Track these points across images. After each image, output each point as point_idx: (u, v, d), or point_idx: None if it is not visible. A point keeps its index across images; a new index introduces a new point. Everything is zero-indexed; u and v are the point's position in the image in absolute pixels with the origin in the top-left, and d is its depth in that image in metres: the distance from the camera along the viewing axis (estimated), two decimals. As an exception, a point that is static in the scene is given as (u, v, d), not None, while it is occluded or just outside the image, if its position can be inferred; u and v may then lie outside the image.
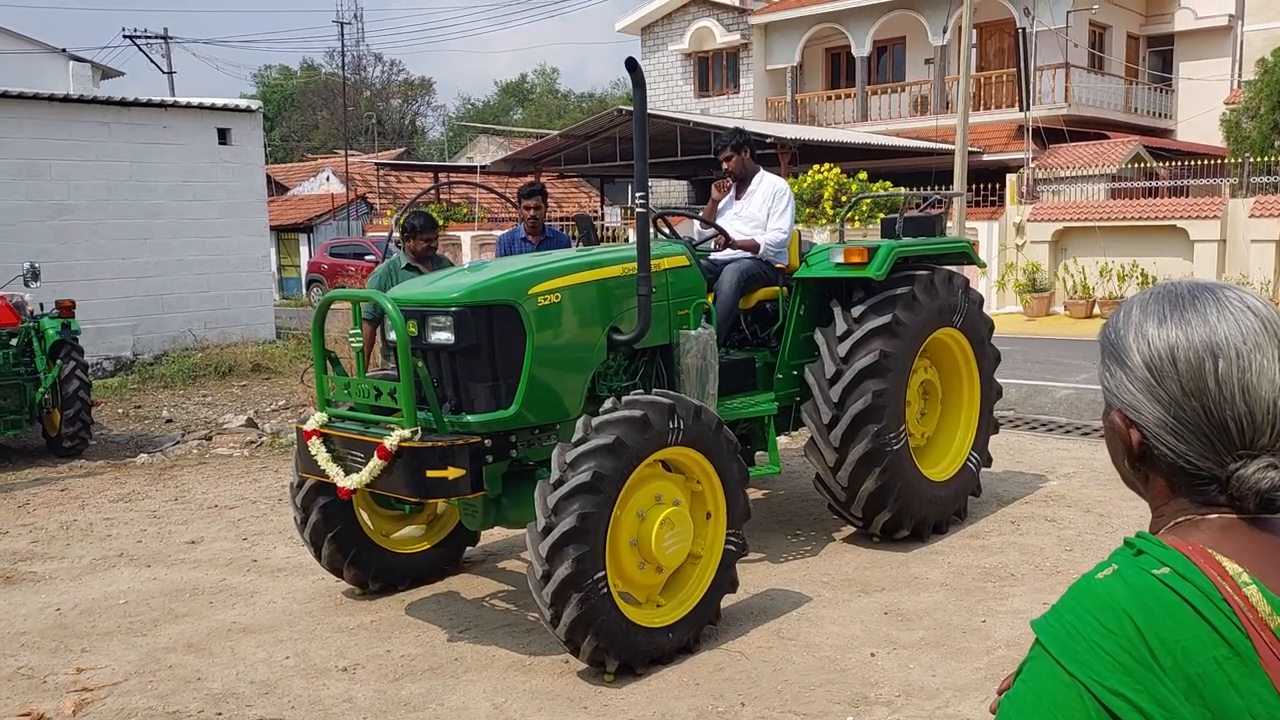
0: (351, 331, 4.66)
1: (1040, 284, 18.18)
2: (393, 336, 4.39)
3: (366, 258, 24.13)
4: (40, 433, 9.10)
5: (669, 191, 30.18)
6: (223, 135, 14.53)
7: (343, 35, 38.75)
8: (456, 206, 27.42)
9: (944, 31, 24.68)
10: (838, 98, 27.82)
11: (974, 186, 19.24)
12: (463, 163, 34.97)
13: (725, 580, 4.58)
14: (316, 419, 4.58)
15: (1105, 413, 1.17)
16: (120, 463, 8.70)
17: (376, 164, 32.93)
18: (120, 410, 10.85)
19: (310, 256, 28.85)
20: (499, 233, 6.18)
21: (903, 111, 26.26)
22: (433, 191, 24.99)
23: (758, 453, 5.85)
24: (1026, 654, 1.08)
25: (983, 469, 6.40)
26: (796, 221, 6.18)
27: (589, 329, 4.77)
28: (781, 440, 6.43)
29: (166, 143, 13.90)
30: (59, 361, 8.66)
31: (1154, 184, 19.50)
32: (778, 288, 5.89)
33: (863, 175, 20.14)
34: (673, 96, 30.09)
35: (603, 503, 4.00)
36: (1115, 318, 1.16)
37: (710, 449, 4.42)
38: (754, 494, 6.98)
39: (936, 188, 19.49)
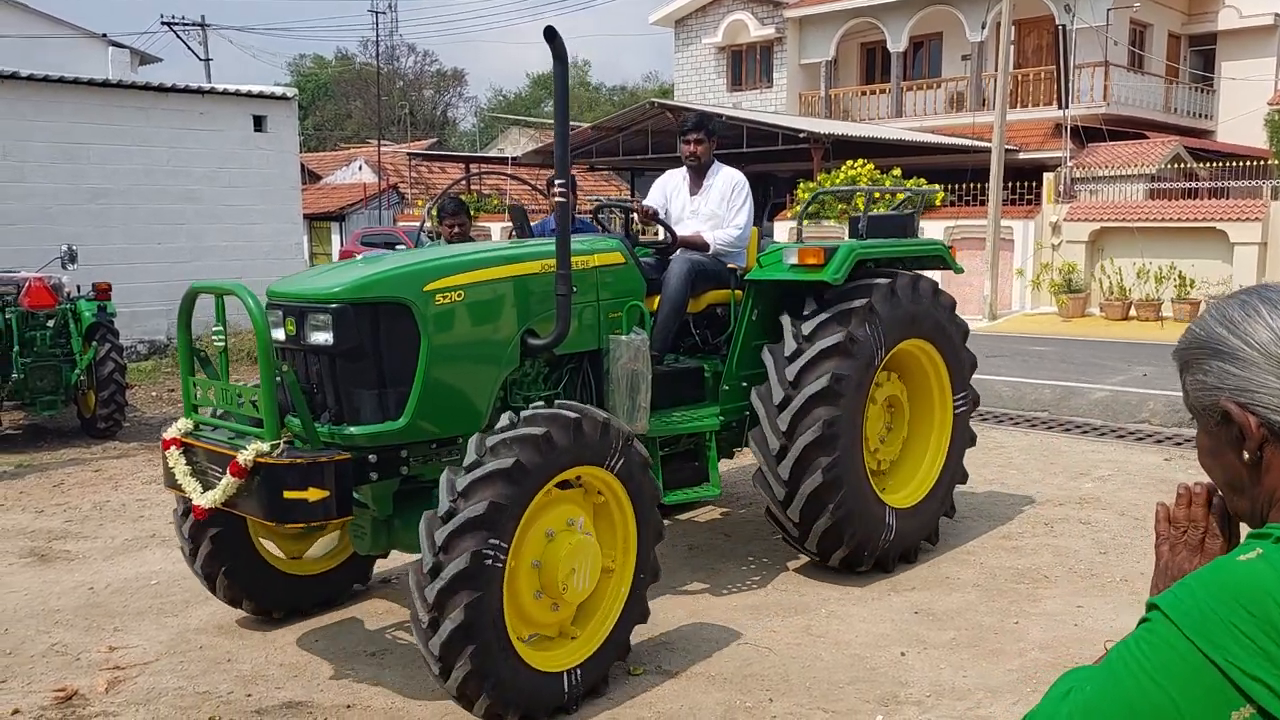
0: (214, 329, 4.07)
1: (1076, 284, 17.96)
2: (279, 335, 4.02)
3: (398, 247, 24.25)
4: (75, 414, 9.20)
5: (700, 185, 30.09)
6: (258, 122, 14.62)
7: (377, 25, 38.92)
8: (487, 197, 27.48)
9: (982, 28, 24.41)
10: (872, 93, 27.61)
11: (1010, 185, 19.05)
12: (494, 154, 35.07)
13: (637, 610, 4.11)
14: (179, 426, 4.12)
15: (1205, 419, 1.18)
16: (153, 445, 8.78)
17: (409, 154, 33.11)
18: (154, 393, 10.96)
19: (342, 245, 29.03)
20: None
21: (938, 108, 26.01)
22: (463, 182, 25.06)
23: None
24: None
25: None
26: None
27: (499, 332, 4.24)
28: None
29: (203, 129, 14.01)
30: (94, 344, 8.75)
31: (1194, 185, 19.21)
32: (729, 290, 5.38)
33: (896, 172, 19.99)
34: (705, 90, 30.00)
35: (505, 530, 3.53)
36: (1202, 325, 1.18)
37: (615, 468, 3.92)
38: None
39: (972, 185, 19.33)
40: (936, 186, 19.01)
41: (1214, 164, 19.56)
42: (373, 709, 3.90)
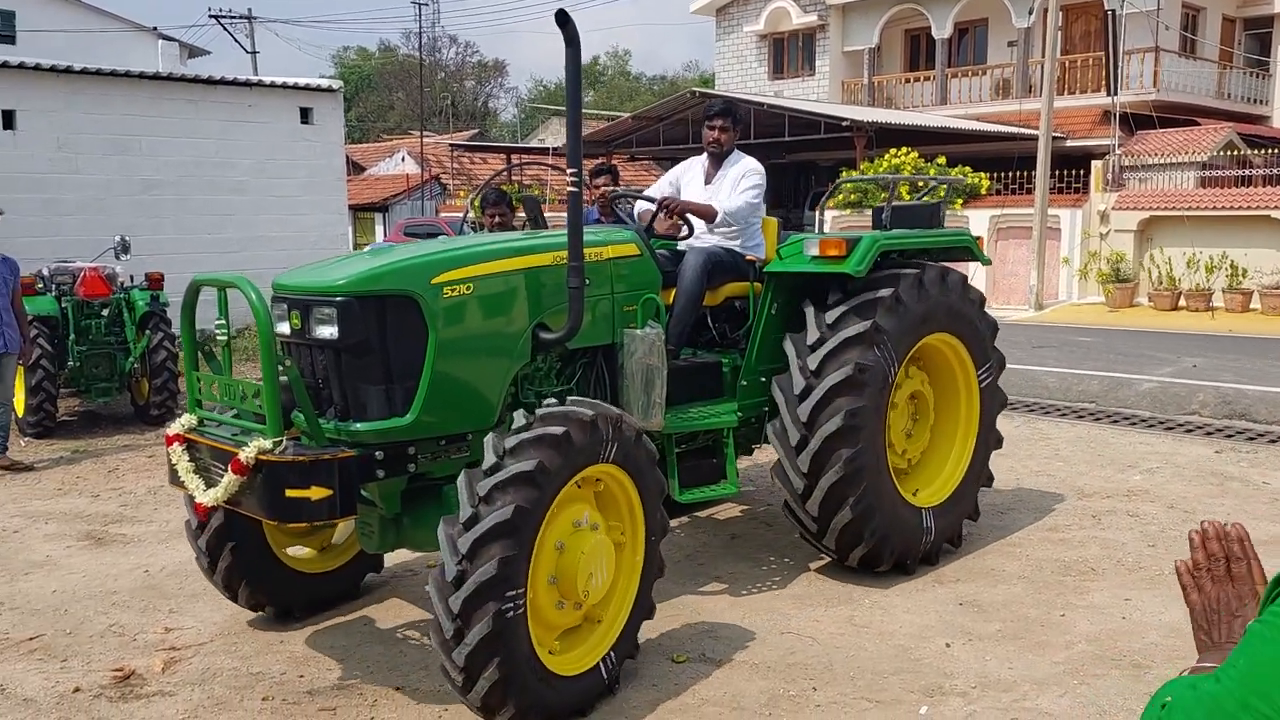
0: (218, 322, 3.99)
1: (1124, 274, 17.66)
2: (284, 329, 3.92)
3: (440, 238, 24.41)
4: (129, 401, 9.41)
5: (741, 175, 29.98)
6: (305, 114, 14.81)
7: (420, 16, 39.20)
8: (528, 188, 27.58)
9: (1029, 13, 24.04)
10: (916, 80, 27.30)
11: (1057, 173, 18.76)
12: (534, 144, 35.18)
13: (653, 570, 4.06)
14: (183, 422, 4.06)
15: None
16: (204, 432, 8.95)
17: (450, 145, 33.30)
18: (204, 381, 11.16)
19: (385, 236, 29.30)
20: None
21: (983, 95, 25.67)
22: (505, 172, 25.19)
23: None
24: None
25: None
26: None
27: (509, 326, 4.12)
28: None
29: (251, 121, 14.22)
30: (148, 332, 8.94)
31: (1247, 173, 18.78)
32: (748, 283, 5.23)
33: (941, 160, 19.78)
34: (746, 79, 29.84)
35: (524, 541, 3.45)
36: None
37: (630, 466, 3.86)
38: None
39: (1018, 173, 19.07)
40: (963, 177, 18.78)
41: (1269, 150, 19.10)
42: (421, 691, 3.97)
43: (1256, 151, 19.46)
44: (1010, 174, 19.27)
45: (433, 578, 3.47)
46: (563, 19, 3.80)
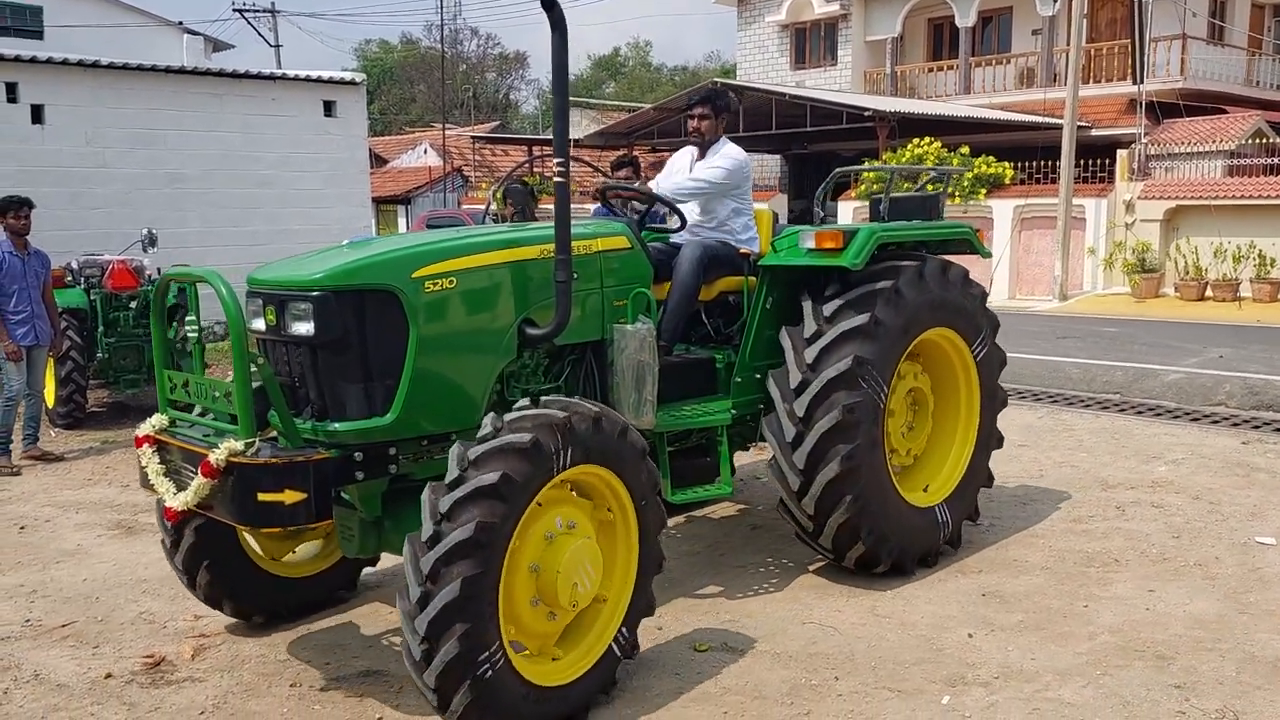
0: (189, 319, 3.90)
1: (1150, 264, 17.52)
2: (259, 325, 3.79)
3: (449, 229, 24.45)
4: (157, 392, 9.51)
5: (761, 165, 29.88)
6: (328, 108, 14.90)
7: (441, 8, 39.25)
8: (549, 180, 27.64)
9: (1053, 1, 23.81)
10: (939, 70, 27.12)
11: (1082, 162, 18.61)
12: (556, 136, 35.12)
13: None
14: (153, 422, 3.95)
15: None
16: (230, 423, 9.04)
17: (472, 137, 33.39)
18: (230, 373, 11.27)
19: (408, 228, 29.44)
20: (591, 206, 6.01)
21: (1007, 84, 25.46)
22: (526, 165, 25.24)
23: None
24: None
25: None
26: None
27: (494, 322, 3.99)
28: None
29: (275, 114, 14.32)
30: (175, 324, 9.03)
31: (1276, 161, 18.56)
32: (742, 277, 5.08)
33: (965, 149, 19.65)
34: (768, 69, 29.75)
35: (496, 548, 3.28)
36: None
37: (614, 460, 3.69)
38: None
39: (1043, 163, 18.93)
40: (964, 167, 18.66)
41: (1298, 139, 18.88)
42: (446, 679, 4.01)
43: (1286, 140, 19.23)
44: (1035, 163, 19.14)
45: (407, 659, 3.32)
46: (549, 3, 3.68)
